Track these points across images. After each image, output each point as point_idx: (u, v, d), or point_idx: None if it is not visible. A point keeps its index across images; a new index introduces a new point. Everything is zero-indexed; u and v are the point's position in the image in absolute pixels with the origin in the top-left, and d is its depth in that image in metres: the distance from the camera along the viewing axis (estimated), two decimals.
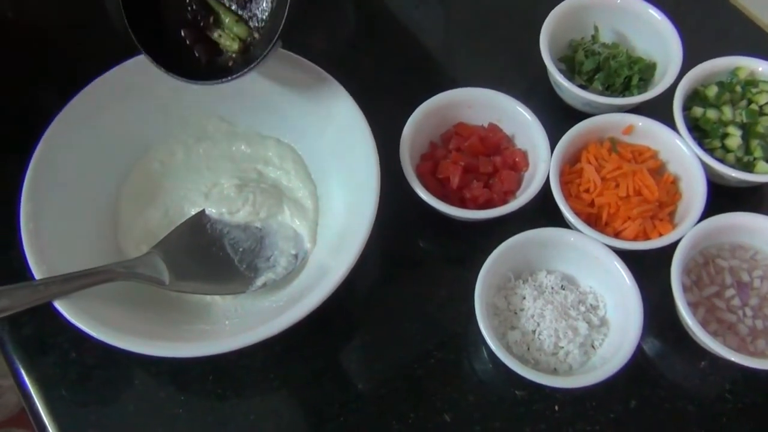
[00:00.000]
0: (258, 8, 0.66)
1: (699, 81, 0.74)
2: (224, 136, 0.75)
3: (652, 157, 0.72)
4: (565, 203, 0.67)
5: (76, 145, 0.67)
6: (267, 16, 0.66)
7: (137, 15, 0.64)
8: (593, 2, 0.79)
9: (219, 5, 0.67)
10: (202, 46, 0.67)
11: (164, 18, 0.67)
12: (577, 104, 0.77)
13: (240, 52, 0.67)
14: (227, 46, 0.66)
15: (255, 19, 0.67)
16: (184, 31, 0.67)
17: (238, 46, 0.66)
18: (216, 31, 0.66)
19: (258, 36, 0.67)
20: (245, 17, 0.67)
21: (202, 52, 0.66)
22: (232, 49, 0.66)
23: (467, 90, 0.74)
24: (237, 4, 0.67)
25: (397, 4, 0.90)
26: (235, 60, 0.67)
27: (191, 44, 0.67)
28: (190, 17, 0.67)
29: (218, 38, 0.67)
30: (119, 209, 0.71)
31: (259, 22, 0.67)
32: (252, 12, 0.67)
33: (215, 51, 0.67)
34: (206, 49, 0.67)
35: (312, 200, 0.72)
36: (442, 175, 0.71)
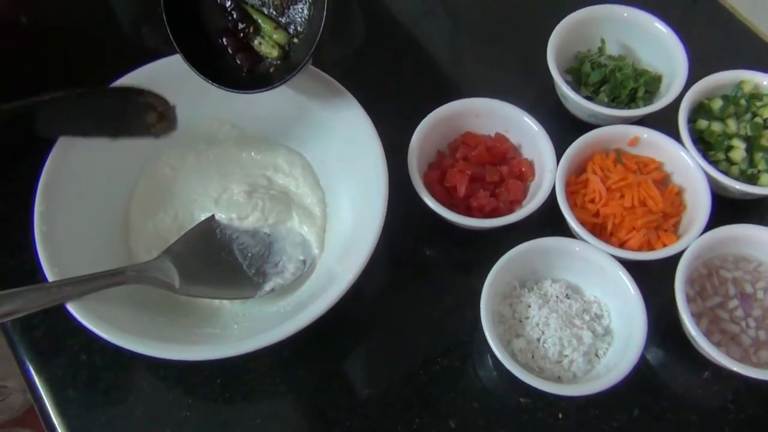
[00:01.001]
0: (297, 14, 0.67)
1: (704, 94, 0.75)
2: (234, 142, 0.76)
3: (656, 169, 0.72)
4: (570, 213, 0.68)
5: (89, 150, 0.68)
6: (305, 23, 0.67)
7: (178, 24, 0.65)
8: (600, 15, 0.79)
9: (258, 13, 0.68)
10: (243, 54, 0.68)
11: (205, 27, 0.68)
12: (583, 115, 0.77)
13: (280, 58, 0.68)
14: (267, 53, 0.68)
15: (294, 25, 0.68)
16: (225, 40, 0.68)
17: (278, 53, 0.67)
18: (256, 38, 0.68)
19: (297, 41, 0.68)
20: (284, 24, 0.68)
21: (244, 60, 0.68)
22: (272, 55, 0.68)
23: (475, 100, 0.75)
24: (276, 11, 0.68)
25: (405, 16, 0.91)
26: (275, 66, 0.68)
27: (233, 52, 0.68)
28: (230, 26, 0.68)
29: (258, 46, 0.68)
30: (130, 213, 0.71)
31: (298, 28, 0.68)
32: (290, 18, 0.68)
33: (256, 58, 0.68)
34: (247, 56, 0.68)
35: (320, 207, 0.73)
36: (450, 184, 0.72)
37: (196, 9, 0.68)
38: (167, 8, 0.65)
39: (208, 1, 0.68)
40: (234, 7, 0.68)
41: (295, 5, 0.67)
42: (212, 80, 0.66)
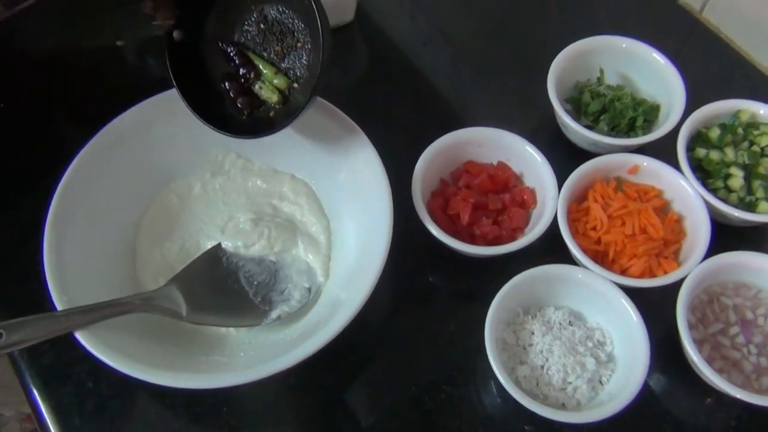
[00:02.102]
0: (297, 61, 0.69)
1: (702, 123, 0.76)
2: (240, 171, 0.77)
3: (656, 197, 0.73)
4: (572, 241, 0.68)
5: (97, 180, 0.69)
6: (305, 69, 0.69)
7: (182, 69, 0.67)
8: (598, 46, 0.81)
9: (259, 59, 0.70)
10: (244, 98, 0.69)
11: (207, 72, 0.70)
12: (584, 144, 0.78)
13: (280, 102, 0.69)
14: (268, 98, 0.69)
15: (294, 70, 0.69)
16: (227, 84, 0.70)
17: (278, 97, 0.69)
18: (257, 83, 0.69)
19: (297, 86, 0.69)
20: (284, 69, 0.69)
21: (244, 104, 0.69)
22: (273, 100, 0.69)
23: (477, 129, 0.76)
24: (277, 57, 0.69)
25: (406, 46, 0.92)
26: (275, 110, 0.69)
27: (234, 96, 0.70)
28: (232, 71, 0.70)
29: (259, 90, 0.69)
30: (137, 242, 0.72)
31: (298, 73, 0.69)
32: (291, 64, 0.69)
33: (257, 102, 0.70)
34: (248, 100, 0.69)
35: (325, 235, 0.73)
36: (453, 212, 0.72)
37: (199, 54, 0.70)
38: (171, 54, 0.67)
39: (211, 47, 0.70)
40: (236, 53, 0.70)
41: (296, 52, 0.69)
42: (213, 123, 0.67)
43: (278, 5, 0.68)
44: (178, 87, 0.67)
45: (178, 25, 0.67)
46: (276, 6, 0.69)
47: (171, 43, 0.67)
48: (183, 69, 0.67)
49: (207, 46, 0.70)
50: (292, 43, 0.69)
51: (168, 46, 0.67)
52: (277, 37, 0.69)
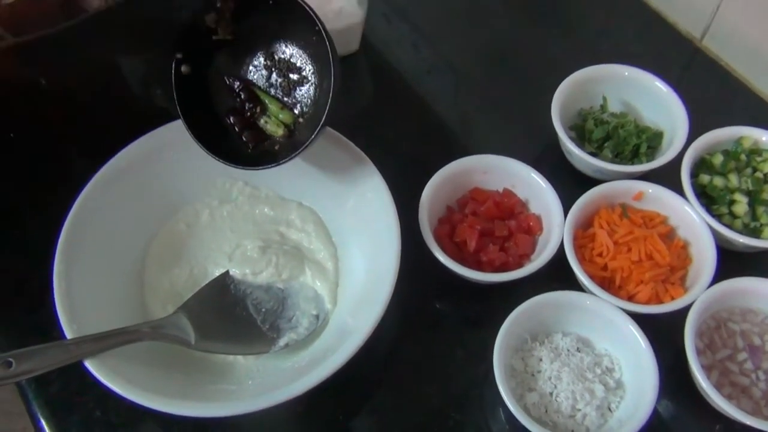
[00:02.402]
0: (302, 96, 0.70)
1: (705, 150, 0.77)
2: (248, 199, 0.77)
3: (662, 223, 0.73)
4: (579, 267, 0.69)
5: (107, 209, 0.70)
6: (310, 103, 0.70)
7: (189, 103, 0.68)
8: (602, 74, 0.82)
9: (265, 94, 0.71)
10: (249, 132, 0.70)
11: (214, 106, 0.71)
12: (588, 171, 0.79)
13: (285, 136, 0.70)
14: (273, 132, 0.70)
15: (299, 105, 0.70)
16: (232, 118, 0.71)
17: (283, 131, 0.70)
18: (262, 117, 0.70)
19: (302, 121, 0.70)
20: (290, 104, 0.70)
21: (249, 138, 0.70)
22: (278, 134, 0.70)
23: (482, 157, 0.77)
24: (282, 92, 0.70)
25: (411, 75, 0.93)
26: (280, 144, 0.70)
27: (239, 130, 0.70)
28: (238, 105, 0.71)
29: (264, 125, 0.70)
30: (146, 269, 0.72)
31: (303, 108, 0.70)
32: (296, 99, 0.70)
33: (262, 137, 0.71)
34: (253, 134, 0.70)
35: (332, 262, 0.74)
36: (459, 239, 0.73)
37: (206, 89, 0.71)
38: (178, 87, 0.68)
39: (217, 81, 0.71)
40: (242, 88, 0.71)
41: (301, 87, 0.70)
42: (219, 155, 0.68)
43: (285, 42, 0.70)
44: (185, 119, 0.68)
45: (185, 58, 0.68)
46: (283, 43, 0.70)
47: (178, 76, 0.68)
48: (190, 102, 0.68)
49: (213, 80, 0.71)
50: (298, 79, 0.70)
51: (175, 79, 0.68)
52: (284, 72, 0.70)
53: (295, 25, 0.67)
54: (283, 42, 0.70)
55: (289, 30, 0.69)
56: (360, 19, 0.87)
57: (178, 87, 0.68)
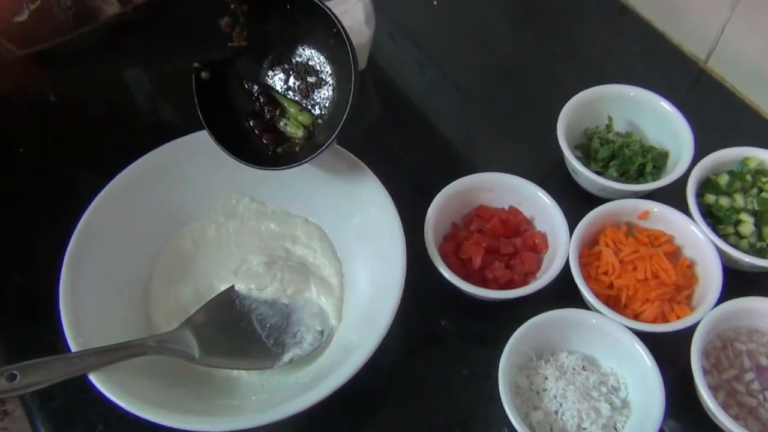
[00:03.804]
0: (320, 97, 0.71)
1: (710, 170, 0.77)
2: (254, 215, 0.77)
3: (667, 242, 0.73)
4: (585, 285, 0.68)
5: (113, 224, 0.70)
6: (329, 104, 0.70)
7: (208, 108, 0.68)
8: (607, 94, 0.82)
9: (283, 98, 0.71)
10: (269, 135, 0.71)
11: (233, 110, 0.71)
12: (594, 189, 0.79)
13: (305, 138, 0.70)
14: (293, 134, 0.70)
15: (318, 107, 0.71)
16: (252, 122, 0.71)
17: (303, 133, 0.70)
18: (282, 120, 0.71)
19: (321, 122, 0.71)
20: (308, 106, 0.71)
21: (270, 141, 0.71)
22: (297, 136, 0.70)
23: (488, 175, 0.77)
24: (301, 95, 0.71)
25: (417, 94, 0.94)
26: (300, 145, 0.71)
27: (259, 133, 0.71)
28: (257, 109, 0.72)
29: (284, 127, 0.71)
30: (151, 284, 0.72)
31: (322, 110, 0.71)
32: (314, 101, 0.71)
33: (282, 139, 0.71)
34: (273, 137, 0.71)
35: (338, 278, 0.73)
36: (465, 256, 0.73)
37: (225, 94, 0.71)
38: (198, 93, 0.68)
39: (236, 87, 0.71)
40: (261, 92, 0.71)
41: (319, 89, 0.70)
42: (241, 158, 0.68)
43: (302, 45, 0.70)
44: (206, 124, 0.68)
45: (205, 65, 0.68)
46: (300, 46, 0.70)
47: (198, 82, 0.68)
48: (210, 107, 0.69)
49: (232, 85, 0.71)
50: (315, 82, 0.70)
51: (196, 85, 0.68)
52: (301, 75, 0.71)
53: (312, 27, 0.68)
54: (299, 45, 0.70)
55: (305, 33, 0.69)
56: (367, 39, 0.87)
57: (198, 93, 0.68)
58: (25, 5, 0.94)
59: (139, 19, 0.62)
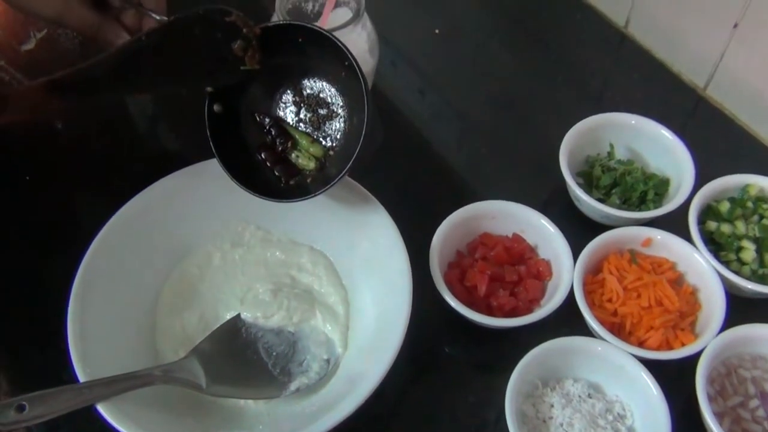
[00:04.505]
0: (331, 129, 0.72)
1: (711, 197, 0.78)
2: (259, 242, 0.78)
3: (670, 269, 0.74)
4: (589, 312, 0.69)
5: (121, 252, 0.70)
6: (341, 136, 0.71)
7: (220, 141, 0.69)
8: (608, 122, 0.83)
9: (295, 130, 0.72)
10: (281, 167, 0.71)
11: (244, 143, 0.72)
12: (596, 216, 0.80)
13: (316, 170, 0.71)
14: (304, 166, 0.71)
15: (329, 138, 0.72)
16: (264, 154, 0.72)
17: (315, 165, 0.71)
18: (293, 152, 0.71)
19: (333, 153, 0.72)
20: (320, 138, 0.72)
21: (282, 173, 0.71)
22: (309, 168, 0.71)
23: (492, 203, 0.78)
24: (312, 127, 0.72)
25: (419, 121, 0.95)
26: (312, 177, 0.71)
27: (271, 165, 0.72)
28: (269, 141, 0.72)
29: (295, 159, 0.71)
30: (158, 312, 0.72)
31: (333, 141, 0.72)
32: (326, 132, 0.72)
33: (294, 171, 0.72)
34: (285, 169, 0.71)
35: (343, 306, 0.74)
36: (470, 283, 0.73)
37: (237, 126, 0.72)
38: (211, 126, 0.69)
39: (247, 120, 0.72)
40: (272, 125, 0.72)
41: (331, 121, 0.71)
42: (252, 190, 0.69)
43: (313, 77, 0.71)
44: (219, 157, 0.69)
45: (216, 94, 0.69)
46: (311, 78, 0.71)
47: (210, 115, 0.69)
48: (221, 139, 0.70)
49: (243, 118, 0.72)
50: (327, 114, 0.71)
51: (208, 117, 0.69)
52: (313, 108, 0.72)
53: (324, 60, 0.68)
54: (311, 77, 0.71)
55: (317, 65, 0.70)
56: (371, 68, 0.88)
57: (210, 125, 0.69)
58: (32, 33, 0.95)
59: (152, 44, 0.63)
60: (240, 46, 0.67)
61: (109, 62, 0.62)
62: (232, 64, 0.68)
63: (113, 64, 0.62)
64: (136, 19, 0.76)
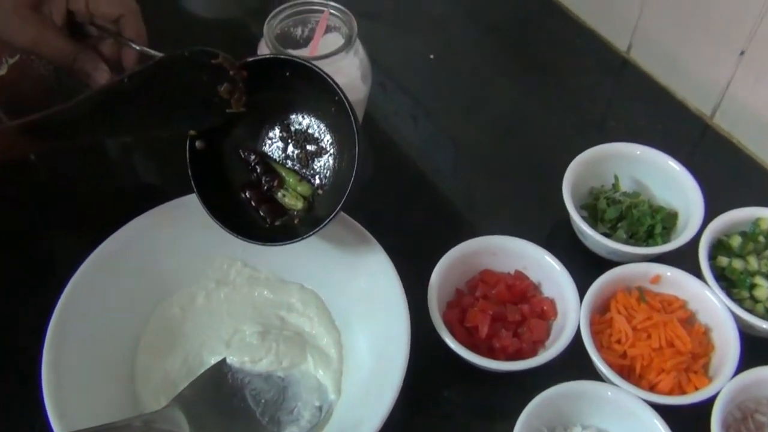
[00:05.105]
0: (320, 166, 0.72)
1: (722, 231, 0.79)
2: (246, 281, 0.78)
3: (681, 307, 0.75)
4: (597, 355, 0.69)
5: (98, 295, 0.70)
6: (330, 174, 0.72)
7: (202, 178, 0.69)
8: (613, 153, 0.85)
9: (282, 167, 0.72)
10: (267, 207, 0.71)
11: (228, 180, 0.72)
12: (602, 252, 0.81)
13: (304, 210, 0.71)
14: (292, 206, 0.71)
15: (318, 176, 0.72)
16: (248, 193, 0.72)
17: (303, 204, 0.71)
18: (280, 191, 0.72)
19: (322, 192, 0.72)
20: (308, 176, 0.72)
21: (267, 213, 0.71)
22: (297, 207, 0.71)
23: (492, 238, 0.78)
24: (300, 164, 0.72)
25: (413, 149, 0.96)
26: (299, 217, 0.72)
27: (256, 205, 0.72)
28: (254, 179, 0.73)
29: (282, 198, 0.72)
30: (138, 357, 0.72)
31: (322, 180, 0.72)
32: (315, 170, 0.72)
33: (280, 211, 0.72)
34: (271, 208, 0.71)
35: (336, 348, 0.74)
36: (471, 324, 0.74)
37: (220, 163, 0.72)
38: (192, 163, 0.69)
39: (231, 156, 0.73)
40: (258, 162, 0.72)
41: (320, 158, 0.72)
42: (236, 231, 0.69)
43: (302, 113, 0.72)
44: (200, 197, 0.69)
45: (199, 133, 0.69)
46: (299, 113, 0.72)
47: (192, 151, 0.69)
48: (203, 177, 0.70)
49: (227, 154, 0.72)
50: (315, 150, 0.72)
51: (189, 154, 0.69)
52: (300, 144, 0.72)
53: (312, 95, 0.69)
54: (298, 112, 0.72)
55: (305, 100, 0.71)
56: (364, 95, 0.89)
57: (192, 162, 0.69)
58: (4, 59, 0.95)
59: (134, 87, 0.63)
60: (226, 89, 0.67)
61: (88, 104, 0.62)
62: (218, 107, 0.68)
63: (92, 107, 0.62)
64: (114, 49, 0.76)
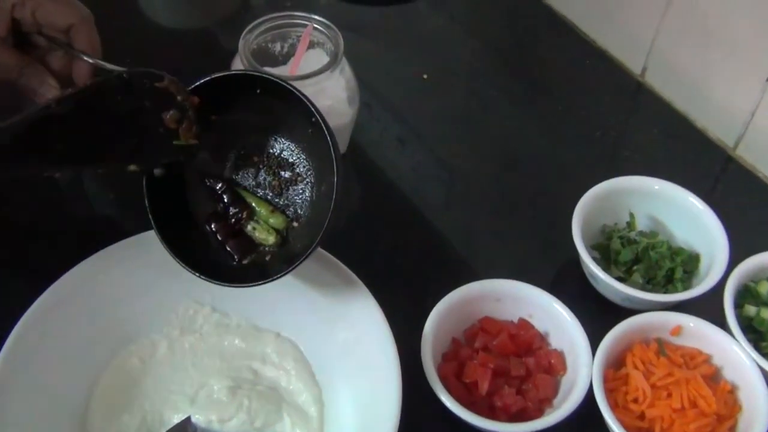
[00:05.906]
0: (297, 196, 0.70)
1: (749, 276, 0.78)
2: (215, 328, 0.76)
3: (705, 362, 0.73)
4: (612, 417, 0.68)
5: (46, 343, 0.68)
6: (306, 205, 0.70)
7: (161, 210, 0.67)
8: (627, 187, 0.84)
9: (252, 196, 0.71)
10: (234, 242, 0.69)
11: (191, 212, 0.71)
12: (616, 298, 0.80)
13: (277, 245, 0.69)
14: (263, 240, 0.69)
15: (293, 207, 0.70)
16: (214, 226, 0.70)
17: (275, 238, 0.69)
18: (250, 223, 0.70)
19: (297, 225, 0.70)
20: (281, 206, 0.70)
21: (235, 249, 0.69)
22: (268, 242, 0.69)
23: (493, 282, 0.77)
24: (273, 193, 0.71)
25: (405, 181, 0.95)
26: (272, 254, 0.69)
27: (223, 239, 0.70)
28: (220, 210, 0.71)
29: (252, 231, 0.70)
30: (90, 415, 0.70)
31: (298, 210, 0.70)
32: (289, 200, 0.70)
33: (250, 247, 0.70)
34: (239, 244, 0.69)
35: (316, 406, 0.72)
36: (469, 380, 0.72)
37: (182, 192, 0.70)
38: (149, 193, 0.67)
39: (195, 184, 0.71)
40: (225, 190, 0.70)
41: (295, 186, 0.70)
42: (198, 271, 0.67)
43: (275, 136, 0.70)
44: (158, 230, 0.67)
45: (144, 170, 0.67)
46: (273, 136, 0.70)
47: (150, 180, 0.67)
48: (162, 208, 0.68)
49: (190, 181, 0.71)
50: (290, 177, 0.70)
51: (147, 184, 0.67)
52: (273, 170, 0.70)
53: (287, 116, 0.68)
54: (272, 135, 0.70)
55: (279, 122, 0.69)
56: (350, 119, 0.89)
57: (149, 192, 0.67)
58: None
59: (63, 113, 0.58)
60: (173, 117, 0.64)
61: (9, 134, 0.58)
62: (163, 138, 0.65)
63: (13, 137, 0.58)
64: (64, 63, 0.74)
